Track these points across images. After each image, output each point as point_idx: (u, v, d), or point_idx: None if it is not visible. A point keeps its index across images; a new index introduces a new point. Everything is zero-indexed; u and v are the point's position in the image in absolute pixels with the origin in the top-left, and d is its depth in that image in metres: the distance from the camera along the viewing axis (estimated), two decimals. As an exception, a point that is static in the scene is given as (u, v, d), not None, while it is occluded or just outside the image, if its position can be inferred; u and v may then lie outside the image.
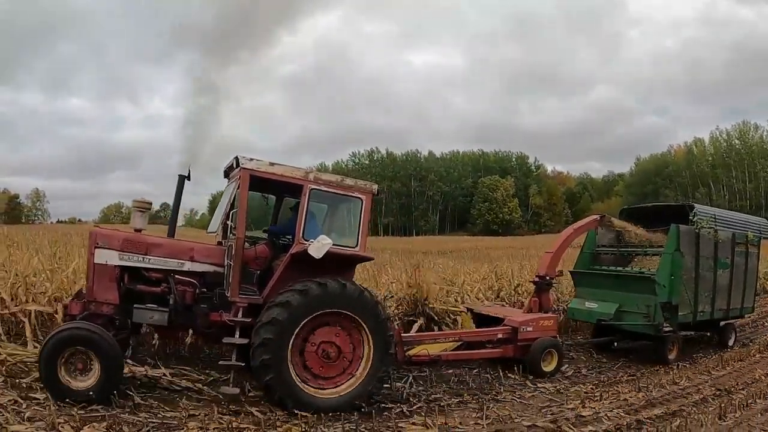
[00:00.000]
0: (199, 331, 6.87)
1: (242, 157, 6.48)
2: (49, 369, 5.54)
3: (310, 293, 6.18)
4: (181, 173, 6.92)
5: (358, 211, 6.88)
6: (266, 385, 6.09)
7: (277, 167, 6.57)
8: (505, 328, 8.72)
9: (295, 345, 6.23)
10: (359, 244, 6.79)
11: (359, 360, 6.56)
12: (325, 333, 6.43)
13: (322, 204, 7.08)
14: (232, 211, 6.46)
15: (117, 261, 6.34)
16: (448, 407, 6.76)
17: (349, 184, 6.89)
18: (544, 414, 6.67)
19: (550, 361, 8.64)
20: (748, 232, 11.49)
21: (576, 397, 7.40)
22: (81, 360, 5.66)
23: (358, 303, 6.46)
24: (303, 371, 6.33)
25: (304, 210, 6.55)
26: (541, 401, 7.26)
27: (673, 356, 9.67)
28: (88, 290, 6.30)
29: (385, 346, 6.59)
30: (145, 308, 6.33)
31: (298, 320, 6.16)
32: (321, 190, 6.70)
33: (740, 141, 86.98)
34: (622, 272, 10.31)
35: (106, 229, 6.74)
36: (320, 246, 6.22)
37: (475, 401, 7.08)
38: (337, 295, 6.34)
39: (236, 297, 6.35)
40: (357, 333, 6.56)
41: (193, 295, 6.52)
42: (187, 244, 6.90)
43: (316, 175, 6.74)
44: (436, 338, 8.57)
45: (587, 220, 10.81)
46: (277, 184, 6.88)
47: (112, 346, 5.74)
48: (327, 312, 6.35)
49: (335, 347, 6.45)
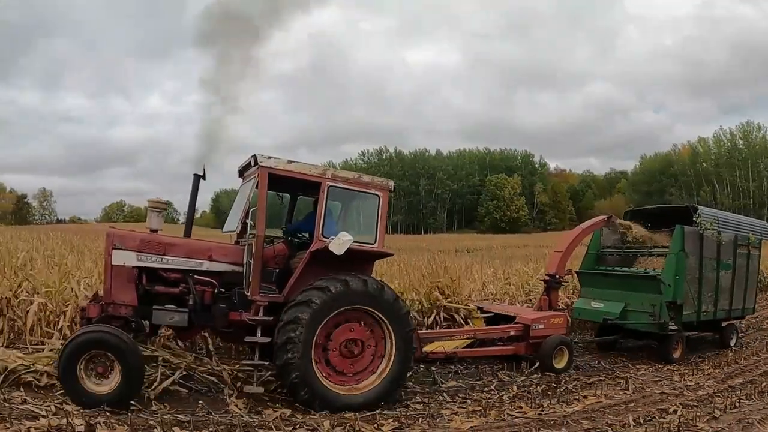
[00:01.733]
0: (219, 331, 6.71)
1: (260, 155, 6.37)
2: (68, 371, 5.35)
3: (333, 290, 6.11)
4: (196, 172, 6.79)
5: (374, 207, 6.79)
6: (292, 384, 6.00)
7: (295, 165, 6.49)
8: (517, 325, 8.81)
9: (318, 343, 6.18)
10: (377, 240, 6.70)
11: (381, 356, 6.51)
12: (348, 330, 6.38)
13: (335, 201, 6.92)
14: (252, 210, 6.31)
15: (135, 262, 6.17)
16: (590, 384, 7.81)
17: (366, 180, 6.81)
18: (662, 385, 7.83)
19: (561, 358, 8.67)
20: (749, 234, 11.55)
21: (674, 375, 8.60)
22: (102, 363, 5.49)
23: (379, 299, 6.40)
24: (326, 368, 6.28)
25: (323, 207, 6.45)
26: (653, 377, 8.43)
27: (678, 355, 9.72)
28: (106, 292, 6.12)
29: (406, 342, 6.54)
30: (165, 309, 6.16)
31: (321, 318, 6.09)
32: (339, 187, 6.61)
33: (744, 141, 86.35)
34: (629, 272, 10.41)
35: (122, 230, 6.56)
36: (341, 243, 6.12)
37: (609, 378, 8.23)
38: (359, 292, 6.28)
39: (257, 296, 6.23)
40: (379, 330, 6.50)
41: (212, 294, 6.37)
42: (205, 243, 6.75)
43: (334, 172, 6.68)
44: (451, 335, 8.65)
45: (595, 220, 10.90)
46: (293, 183, 6.77)
47: (134, 350, 5.58)
48: (349, 309, 6.29)
49: (358, 344, 6.40)
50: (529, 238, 64.73)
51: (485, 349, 8.66)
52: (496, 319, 9.47)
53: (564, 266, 9.74)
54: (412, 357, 6.80)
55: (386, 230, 6.96)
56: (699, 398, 7.14)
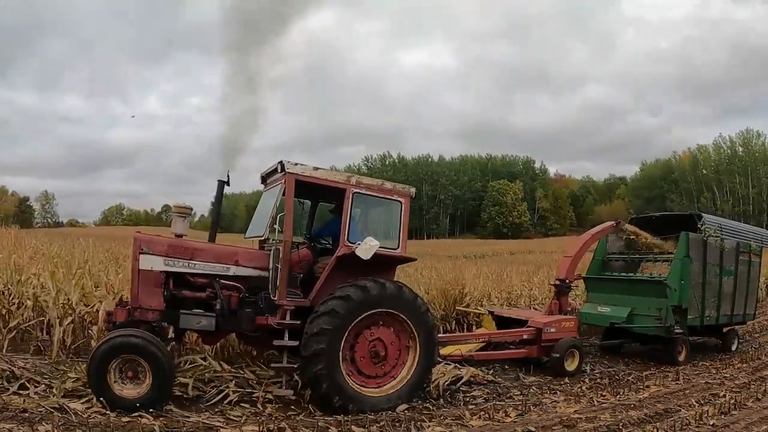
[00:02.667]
0: (244, 335, 6.76)
1: (287, 162, 6.40)
2: (98, 376, 5.30)
3: (370, 290, 6.20)
4: (220, 178, 6.80)
5: (397, 213, 6.89)
6: (315, 375, 5.97)
7: (320, 171, 6.56)
8: (529, 329, 8.99)
9: (345, 347, 6.20)
10: (400, 245, 6.81)
11: (405, 360, 6.59)
12: (375, 332, 6.45)
13: (356, 208, 6.90)
14: (280, 215, 6.30)
15: (162, 266, 6.13)
16: (646, 377, 8.71)
17: (389, 187, 6.92)
18: (704, 377, 8.85)
19: (572, 361, 8.81)
20: (750, 242, 11.78)
21: (710, 369, 9.52)
22: (132, 368, 5.43)
23: (410, 305, 6.50)
24: (354, 371, 6.33)
25: (348, 213, 6.53)
26: (693, 372, 9.28)
27: (682, 358, 9.93)
28: (133, 297, 6.06)
29: (429, 344, 6.64)
30: (192, 314, 6.15)
31: (355, 314, 6.15)
32: (363, 194, 6.69)
33: (744, 148, 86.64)
34: (635, 277, 10.62)
35: (149, 235, 6.50)
36: (368, 248, 6.22)
37: (659, 372, 9.14)
38: (393, 296, 6.37)
39: (284, 300, 6.24)
40: (404, 334, 6.59)
41: (238, 299, 6.38)
42: (231, 248, 6.76)
43: (358, 179, 6.74)
44: (467, 339, 8.84)
45: (604, 225, 11.13)
46: (314, 189, 6.79)
47: (165, 354, 5.54)
48: (374, 312, 6.36)
49: (384, 346, 6.47)
50: (532, 243, 65.01)
51: (499, 353, 8.86)
52: (506, 323, 9.64)
53: (573, 271, 9.98)
54: (435, 358, 6.89)
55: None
56: (738, 386, 8.12)
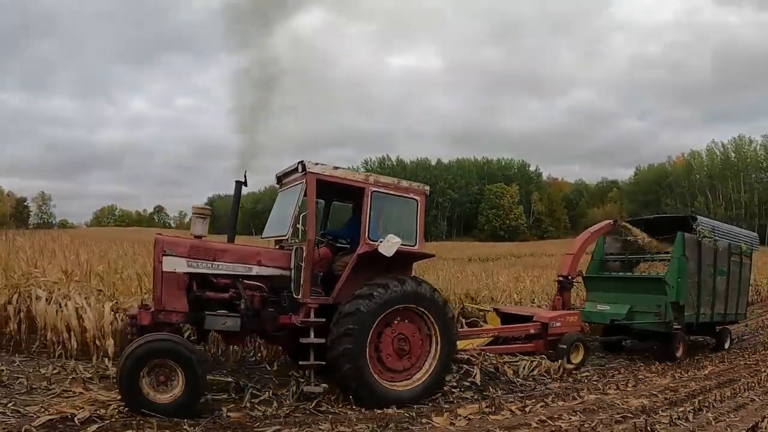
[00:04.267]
0: (266, 334, 6.72)
1: (308, 161, 6.42)
2: (130, 381, 5.14)
3: (391, 288, 6.30)
4: (238, 179, 6.74)
5: (413, 210, 6.97)
6: (344, 375, 6.03)
7: (340, 171, 6.62)
8: (536, 323, 9.25)
9: (372, 338, 6.29)
10: (417, 242, 6.88)
11: (427, 354, 6.68)
12: (399, 328, 6.53)
13: (374, 206, 6.87)
14: (303, 215, 6.30)
15: (185, 268, 6.02)
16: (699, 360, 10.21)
17: (405, 186, 7.00)
18: (732, 362, 10.15)
19: (577, 354, 9.09)
20: (741, 244, 12.10)
21: (730, 356, 10.76)
22: (164, 372, 5.29)
23: (430, 301, 6.61)
24: (379, 367, 6.40)
25: (368, 212, 6.57)
26: (718, 359, 10.46)
27: (680, 353, 10.24)
28: (156, 299, 5.94)
29: (450, 341, 6.79)
30: (217, 315, 6.05)
31: (378, 312, 6.23)
32: (381, 192, 6.75)
33: (736, 154, 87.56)
34: (635, 275, 10.94)
35: (171, 237, 6.45)
36: (391, 245, 6.28)
37: (704, 357, 10.60)
38: (414, 292, 6.48)
39: (308, 298, 6.26)
40: (426, 329, 6.70)
41: (261, 299, 6.32)
42: (253, 248, 6.71)
43: (376, 178, 6.81)
44: (478, 334, 9.07)
45: (602, 224, 11.51)
46: (330, 188, 6.78)
47: (198, 358, 5.45)
48: (401, 308, 6.45)
49: (407, 341, 6.55)
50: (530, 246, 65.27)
51: (508, 347, 9.11)
52: (509, 320, 9.88)
53: (576, 267, 10.33)
54: (454, 352, 7.05)
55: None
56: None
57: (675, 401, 6.89)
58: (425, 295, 6.59)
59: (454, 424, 5.72)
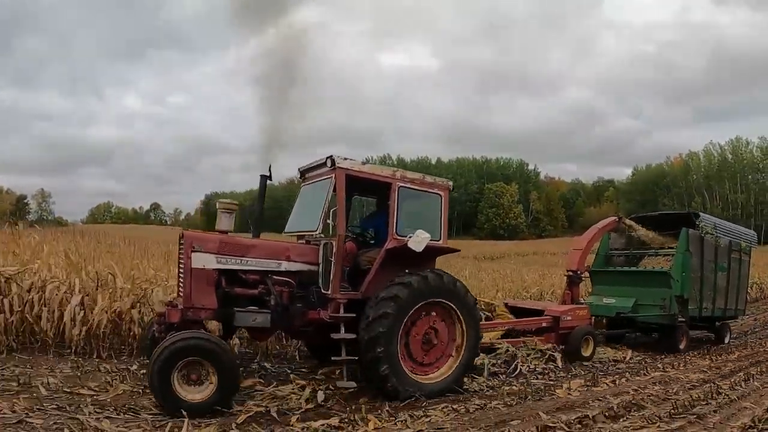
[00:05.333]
0: (295, 330, 6.64)
1: (336, 156, 6.37)
2: (162, 380, 5.01)
3: (429, 280, 6.34)
4: (263, 173, 6.67)
5: (437, 205, 6.97)
6: (376, 357, 5.96)
7: (368, 166, 6.61)
8: (548, 317, 9.42)
9: (401, 336, 6.26)
10: (442, 236, 6.88)
11: (453, 347, 6.73)
12: (427, 320, 6.52)
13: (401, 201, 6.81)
14: (333, 210, 6.27)
15: (214, 264, 5.92)
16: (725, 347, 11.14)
17: (430, 181, 6.99)
18: (752, 349, 10.94)
19: (587, 347, 9.24)
20: (741, 241, 12.37)
21: (746, 346, 11.40)
22: (195, 371, 5.18)
23: (456, 294, 6.64)
24: (408, 359, 6.39)
25: (395, 207, 6.55)
26: (750, 344, 11.46)
27: (683, 346, 10.48)
28: (186, 296, 5.80)
29: (475, 334, 6.83)
30: (247, 311, 5.95)
31: (414, 302, 6.25)
32: (407, 188, 6.72)
33: (733, 155, 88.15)
34: (641, 270, 11.18)
35: (199, 233, 6.39)
36: (420, 240, 6.27)
37: (731, 346, 11.39)
38: (447, 286, 6.54)
39: (338, 294, 6.20)
40: (452, 322, 6.73)
41: (290, 294, 6.26)
42: (282, 244, 6.63)
43: (402, 173, 6.80)
44: (494, 327, 9.17)
45: (607, 220, 11.77)
46: (355, 183, 6.71)
47: (230, 356, 5.38)
48: (431, 301, 6.47)
49: (435, 333, 6.58)
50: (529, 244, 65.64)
51: (519, 340, 9.18)
52: (520, 314, 10.03)
53: (584, 262, 10.60)
54: (479, 348, 7.11)
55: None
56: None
57: (724, 375, 7.99)
58: (456, 290, 6.63)
59: (571, 394, 6.61)
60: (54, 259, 8.96)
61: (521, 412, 5.68)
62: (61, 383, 5.92)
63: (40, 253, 9.22)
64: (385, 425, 5.21)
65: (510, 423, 5.29)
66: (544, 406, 5.91)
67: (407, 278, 6.24)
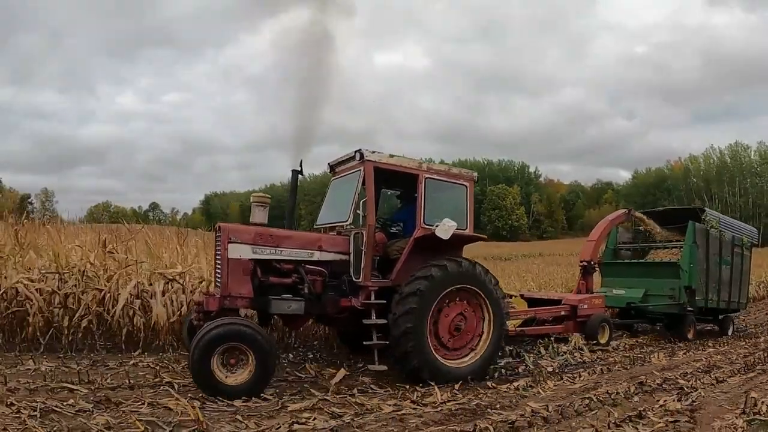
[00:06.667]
0: (328, 317, 6.78)
1: (365, 150, 6.51)
2: (202, 365, 5.12)
3: (449, 269, 6.41)
4: (294, 168, 6.81)
5: (463, 196, 7.10)
6: (406, 352, 6.09)
7: (395, 159, 6.67)
8: (566, 306, 9.67)
9: (431, 317, 6.36)
10: (468, 225, 6.99)
11: (481, 333, 6.79)
12: (455, 307, 6.61)
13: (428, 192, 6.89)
14: (363, 201, 6.43)
15: (250, 254, 6.09)
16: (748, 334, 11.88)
17: (455, 172, 7.10)
18: (752, 338, 11.22)
19: (603, 334, 9.54)
20: (743, 237, 12.66)
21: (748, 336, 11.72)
22: (234, 356, 5.28)
23: (484, 281, 6.72)
24: (437, 345, 6.47)
25: (423, 198, 6.64)
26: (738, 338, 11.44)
27: (691, 335, 10.68)
28: (223, 285, 5.99)
29: (501, 321, 6.89)
30: (282, 299, 6.11)
31: (438, 292, 6.33)
32: (433, 179, 6.80)
33: (732, 159, 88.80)
34: (651, 261, 11.50)
35: (235, 225, 6.52)
36: (447, 228, 6.37)
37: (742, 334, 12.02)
38: (469, 273, 6.61)
39: (369, 281, 6.34)
40: (479, 309, 6.79)
41: (322, 283, 6.43)
42: (314, 234, 6.81)
43: (429, 165, 6.90)
44: (516, 315, 9.39)
45: (618, 213, 12.10)
46: (382, 175, 6.79)
47: (268, 341, 5.46)
48: (457, 288, 6.55)
49: (464, 319, 6.64)
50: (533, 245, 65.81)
51: (540, 328, 9.48)
52: (536, 304, 10.25)
53: (597, 253, 10.93)
54: (505, 334, 7.20)
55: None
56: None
57: (746, 355, 8.89)
58: (480, 276, 6.72)
59: (661, 361, 8.23)
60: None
61: (641, 370, 7.43)
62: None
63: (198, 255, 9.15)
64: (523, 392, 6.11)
65: (639, 377, 6.79)
66: (653, 368, 7.68)
67: (428, 270, 6.34)
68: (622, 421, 4.73)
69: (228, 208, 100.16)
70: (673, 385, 6.33)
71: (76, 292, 7.38)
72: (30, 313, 7.06)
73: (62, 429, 4.09)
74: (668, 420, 4.83)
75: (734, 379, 6.80)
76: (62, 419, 4.31)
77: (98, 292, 7.44)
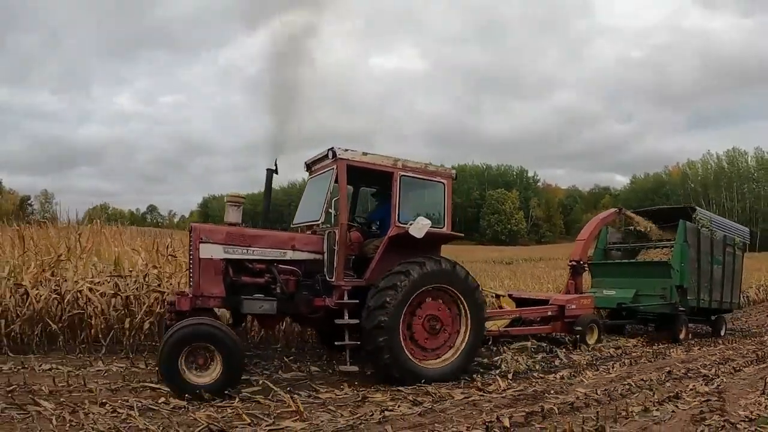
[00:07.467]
0: (300, 317, 6.74)
1: (338, 148, 6.42)
2: (170, 364, 5.09)
3: (427, 266, 6.29)
4: (269, 167, 6.68)
5: (440, 193, 6.97)
6: (378, 347, 5.98)
7: (369, 156, 6.56)
8: (553, 306, 9.46)
9: (405, 314, 6.24)
10: (446, 223, 6.89)
11: (457, 333, 6.63)
12: (430, 307, 6.49)
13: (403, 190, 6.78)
14: (335, 200, 6.39)
15: (222, 254, 6.03)
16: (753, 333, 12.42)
17: (432, 169, 6.95)
18: (755, 337, 11.58)
19: (592, 335, 9.37)
20: (735, 237, 12.52)
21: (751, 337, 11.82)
22: (202, 356, 5.24)
23: (462, 282, 6.58)
24: (411, 345, 6.34)
25: (397, 196, 6.55)
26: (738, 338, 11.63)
27: (683, 336, 10.48)
28: (195, 285, 5.93)
29: (479, 318, 6.72)
30: (254, 299, 6.05)
31: (414, 289, 6.22)
32: (409, 176, 6.71)
33: (729, 165, 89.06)
34: (641, 261, 11.33)
35: (208, 225, 6.49)
36: (421, 227, 6.27)
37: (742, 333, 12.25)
38: (448, 273, 6.48)
39: (341, 281, 6.27)
40: (456, 309, 6.66)
41: (295, 282, 6.34)
42: (287, 234, 6.72)
43: (404, 162, 6.74)
44: (501, 315, 9.31)
45: (608, 212, 12.01)
46: (359, 174, 6.74)
47: (235, 342, 5.37)
48: (434, 287, 6.44)
49: (439, 320, 6.52)
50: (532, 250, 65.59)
51: (527, 328, 9.35)
52: (524, 304, 10.07)
53: (586, 253, 10.77)
54: (484, 332, 7.05)
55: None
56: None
57: (755, 350, 9.26)
58: (459, 277, 6.57)
59: (680, 356, 8.75)
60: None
61: (665, 363, 7.98)
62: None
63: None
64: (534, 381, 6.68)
65: (665, 368, 7.39)
66: (675, 360, 8.31)
67: (405, 266, 6.24)
68: (663, 401, 5.48)
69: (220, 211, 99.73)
70: (697, 374, 7.08)
71: (140, 295, 7.63)
72: (92, 315, 7.28)
73: (171, 425, 4.18)
74: (701, 399, 5.59)
75: (749, 369, 7.54)
76: (163, 416, 4.42)
77: (160, 295, 7.64)
